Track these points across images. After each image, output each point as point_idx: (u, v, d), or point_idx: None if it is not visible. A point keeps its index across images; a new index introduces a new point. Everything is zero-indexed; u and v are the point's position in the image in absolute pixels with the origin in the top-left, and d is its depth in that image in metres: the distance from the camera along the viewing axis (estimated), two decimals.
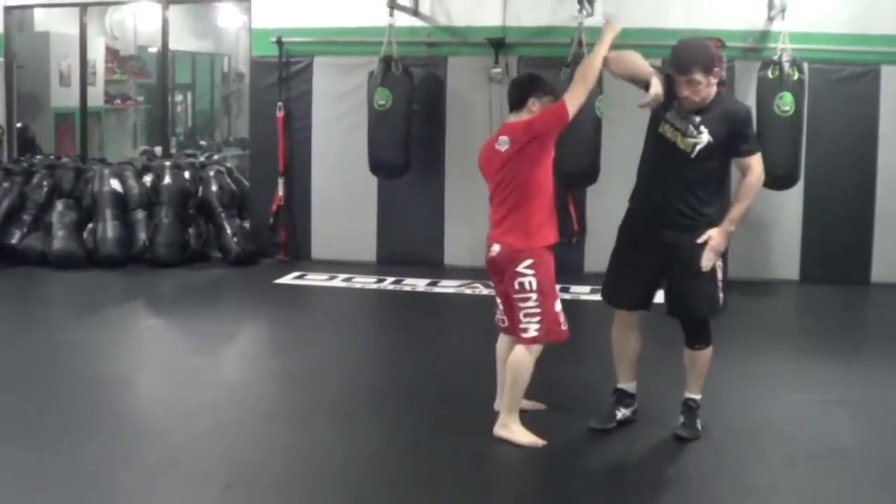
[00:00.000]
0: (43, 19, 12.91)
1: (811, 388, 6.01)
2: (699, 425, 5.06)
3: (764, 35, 9.07)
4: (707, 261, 4.80)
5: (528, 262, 4.87)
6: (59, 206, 10.01)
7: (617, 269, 5.13)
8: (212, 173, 10.42)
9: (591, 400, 5.47)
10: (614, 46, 5.04)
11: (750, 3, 9.08)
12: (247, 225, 10.29)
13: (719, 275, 4.90)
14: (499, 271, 5.01)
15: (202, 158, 11.82)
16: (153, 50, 14.56)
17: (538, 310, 4.87)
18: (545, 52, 9.26)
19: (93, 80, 12.66)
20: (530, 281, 4.87)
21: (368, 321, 8.40)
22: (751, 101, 8.77)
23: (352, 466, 4.76)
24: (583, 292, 8.44)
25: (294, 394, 6.00)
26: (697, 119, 4.79)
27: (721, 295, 4.94)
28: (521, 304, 4.90)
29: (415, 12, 9.63)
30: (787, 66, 8.44)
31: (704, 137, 4.76)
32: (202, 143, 15.99)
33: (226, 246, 9.98)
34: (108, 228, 9.72)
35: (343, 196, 9.98)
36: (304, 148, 10.07)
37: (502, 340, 5.24)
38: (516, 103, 5.06)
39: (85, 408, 5.47)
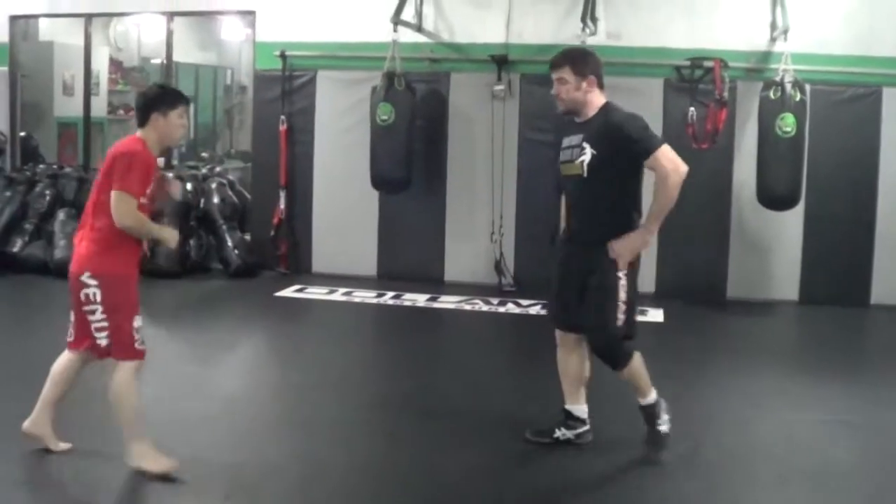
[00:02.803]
0: (48, 29, 12.96)
1: (808, 408, 6.01)
2: (661, 425, 5.06)
3: (766, 56, 9.11)
4: (622, 262, 4.73)
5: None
6: (61, 215, 10.05)
7: (552, 293, 5.15)
8: (214, 185, 10.46)
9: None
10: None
11: (752, 24, 9.11)
12: (248, 237, 10.32)
13: (622, 295, 4.77)
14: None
15: (204, 170, 11.84)
16: (157, 61, 14.58)
17: (106, 324, 4.71)
18: (547, 70, 9.26)
19: (96, 90, 12.71)
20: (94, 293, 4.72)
21: (368, 335, 8.41)
22: (752, 121, 8.84)
23: (351, 480, 4.75)
24: None
25: (293, 406, 6.00)
26: (580, 138, 4.84)
27: (621, 316, 4.79)
28: (91, 318, 4.76)
29: (418, 28, 9.68)
30: (789, 86, 8.47)
31: (588, 152, 4.78)
32: (204, 155, 16.00)
33: (227, 258, 10.01)
34: None
35: (344, 210, 10.01)
36: (306, 161, 10.10)
37: (63, 357, 4.96)
38: (141, 121, 4.89)
39: (84, 417, 5.47)
